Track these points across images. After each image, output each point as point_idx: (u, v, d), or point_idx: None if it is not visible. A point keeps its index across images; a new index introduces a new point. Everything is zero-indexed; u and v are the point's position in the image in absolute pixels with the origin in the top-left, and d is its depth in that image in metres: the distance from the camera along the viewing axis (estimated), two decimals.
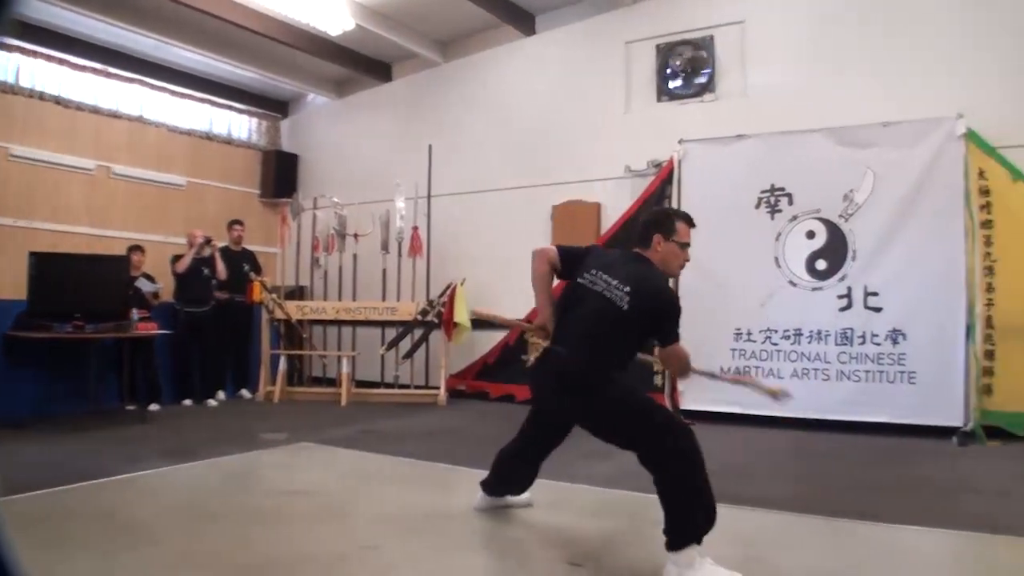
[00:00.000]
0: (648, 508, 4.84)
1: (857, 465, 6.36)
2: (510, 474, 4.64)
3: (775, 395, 4.33)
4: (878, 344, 7.94)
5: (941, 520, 4.56)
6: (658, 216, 4.22)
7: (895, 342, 7.87)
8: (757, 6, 9.21)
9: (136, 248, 9.41)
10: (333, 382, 10.40)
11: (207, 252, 9.75)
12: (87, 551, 3.77)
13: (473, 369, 10.30)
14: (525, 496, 4.76)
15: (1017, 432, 7.23)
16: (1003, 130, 7.63)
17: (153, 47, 10.63)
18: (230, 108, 12.49)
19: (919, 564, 3.99)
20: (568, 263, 4.17)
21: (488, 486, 4.64)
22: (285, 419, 8.44)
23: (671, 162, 9.04)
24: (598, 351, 3.84)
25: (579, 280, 4.03)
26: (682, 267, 4.12)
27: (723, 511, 4.72)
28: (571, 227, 9.93)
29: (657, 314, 3.85)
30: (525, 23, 10.66)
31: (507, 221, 10.55)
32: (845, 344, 8.09)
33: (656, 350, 4.08)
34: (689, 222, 4.08)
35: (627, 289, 3.81)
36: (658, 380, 8.76)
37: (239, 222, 10.70)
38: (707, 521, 3.66)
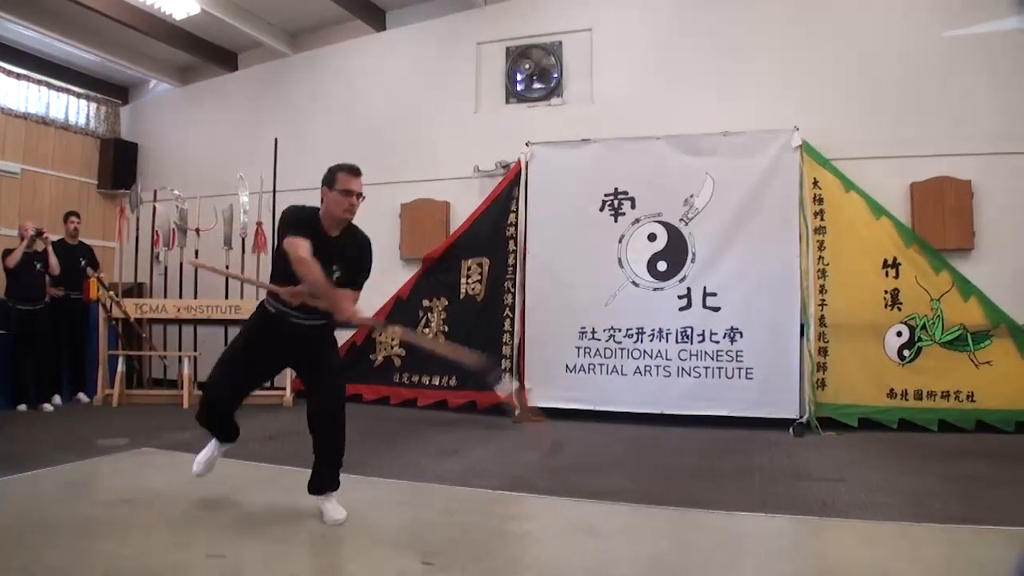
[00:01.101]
0: (498, 504, 4.95)
1: (698, 457, 6.61)
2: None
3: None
4: (717, 342, 8.28)
5: (780, 506, 4.82)
6: (327, 171, 4.64)
7: (733, 340, 8.23)
8: (605, 15, 9.46)
9: None
10: (175, 384, 10.05)
11: (40, 246, 9.24)
12: None
13: None
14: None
15: (849, 423, 7.74)
16: (836, 143, 8.14)
17: None
18: (68, 91, 11.90)
19: (760, 549, 4.18)
20: None
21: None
22: (125, 423, 8.09)
23: (519, 163, 9.17)
24: None
25: None
26: (347, 211, 4.55)
27: (571, 504, 4.89)
28: (420, 225, 9.95)
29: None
30: (376, 18, 10.60)
31: (355, 218, 10.42)
32: (685, 342, 8.39)
33: None
34: (352, 172, 4.60)
35: None
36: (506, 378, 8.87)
37: (75, 214, 10.17)
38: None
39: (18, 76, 11.06)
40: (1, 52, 10.78)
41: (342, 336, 9.89)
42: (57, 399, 9.43)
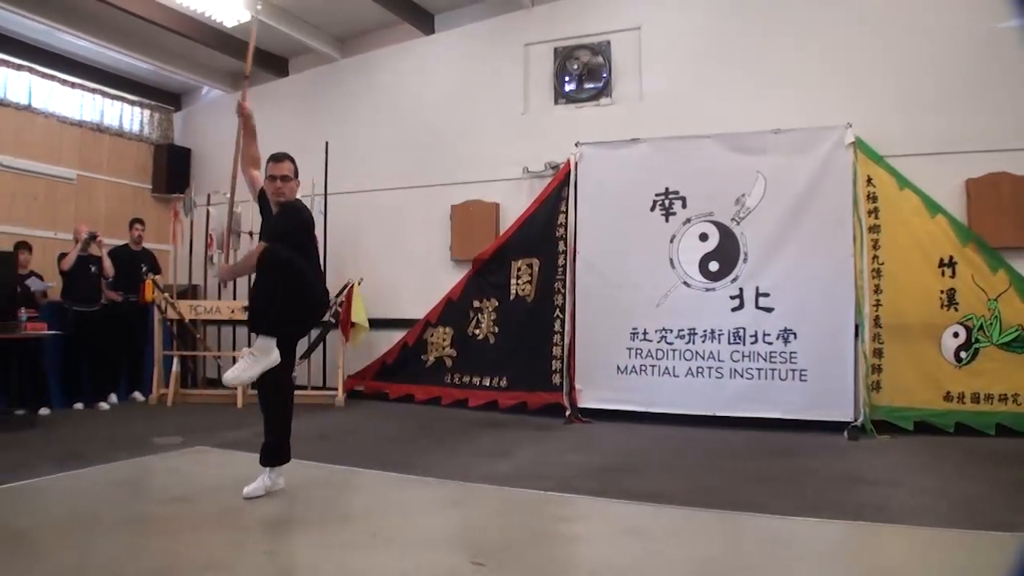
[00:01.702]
0: (548, 505, 4.94)
1: (750, 460, 6.53)
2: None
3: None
4: (770, 343, 8.18)
5: (833, 511, 4.73)
6: None
7: (786, 341, 8.12)
8: (653, 13, 9.38)
9: (23, 246, 9.07)
10: None
11: (96, 250, 9.46)
12: None
13: (371, 369, 10.23)
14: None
15: (905, 426, 7.58)
16: (890, 139, 7.98)
17: (43, 33, 10.20)
18: (122, 99, 12.12)
19: (812, 553, 4.13)
20: None
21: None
22: (179, 422, 8.24)
23: (568, 164, 9.15)
24: None
25: None
26: (275, 193, 5.06)
27: (621, 505, 4.87)
28: (470, 227, 9.97)
29: None
30: (424, 22, 10.63)
31: (405, 220, 10.54)
32: (738, 343, 8.31)
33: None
34: (273, 159, 5.11)
35: None
36: (556, 379, 8.87)
37: (140, 221, 10.38)
38: None
39: (72, 85, 11.28)
40: (56, 62, 10.99)
41: (393, 337, 10.07)
42: (113, 398, 9.64)
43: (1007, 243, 7.68)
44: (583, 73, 9.71)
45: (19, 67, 10.47)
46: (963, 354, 7.63)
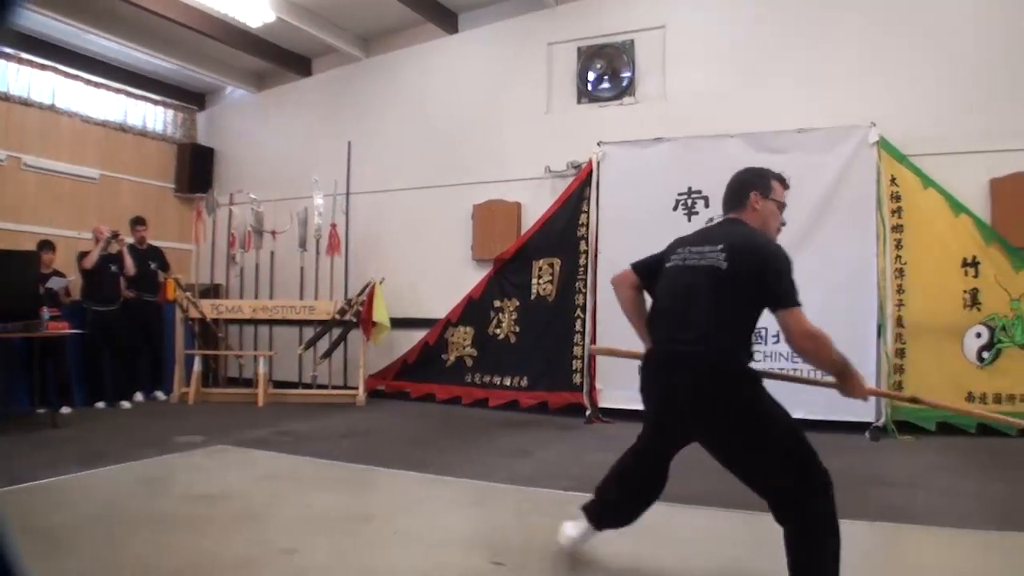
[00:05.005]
0: (569, 505, 4.89)
1: None
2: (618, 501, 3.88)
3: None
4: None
5: (854, 512, 4.65)
6: (752, 173, 3.77)
7: None
8: (678, 12, 9.35)
9: (47, 245, 9.11)
10: (250, 383, 10.20)
11: (115, 248, 9.45)
12: None
13: (393, 369, 10.24)
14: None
15: (927, 427, 7.54)
16: (913, 139, 7.91)
17: (67, 33, 10.26)
18: (145, 99, 12.18)
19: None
20: (649, 273, 3.74)
21: (590, 512, 3.84)
22: (201, 421, 8.26)
23: (590, 163, 9.13)
24: (718, 327, 3.25)
25: (666, 266, 3.57)
26: (779, 231, 3.63)
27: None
28: (491, 226, 9.97)
29: (762, 269, 3.21)
30: (448, 21, 10.64)
31: (427, 220, 10.55)
32: (759, 343, 8.23)
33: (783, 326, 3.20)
34: (783, 182, 3.75)
35: (721, 246, 3.30)
36: (577, 379, 8.84)
37: (141, 222, 10.33)
38: None
39: (96, 85, 11.34)
40: (80, 62, 11.05)
41: (414, 336, 10.09)
42: (139, 396, 9.70)
43: None
44: (607, 72, 9.68)
45: (43, 67, 10.53)
46: (986, 354, 7.58)
